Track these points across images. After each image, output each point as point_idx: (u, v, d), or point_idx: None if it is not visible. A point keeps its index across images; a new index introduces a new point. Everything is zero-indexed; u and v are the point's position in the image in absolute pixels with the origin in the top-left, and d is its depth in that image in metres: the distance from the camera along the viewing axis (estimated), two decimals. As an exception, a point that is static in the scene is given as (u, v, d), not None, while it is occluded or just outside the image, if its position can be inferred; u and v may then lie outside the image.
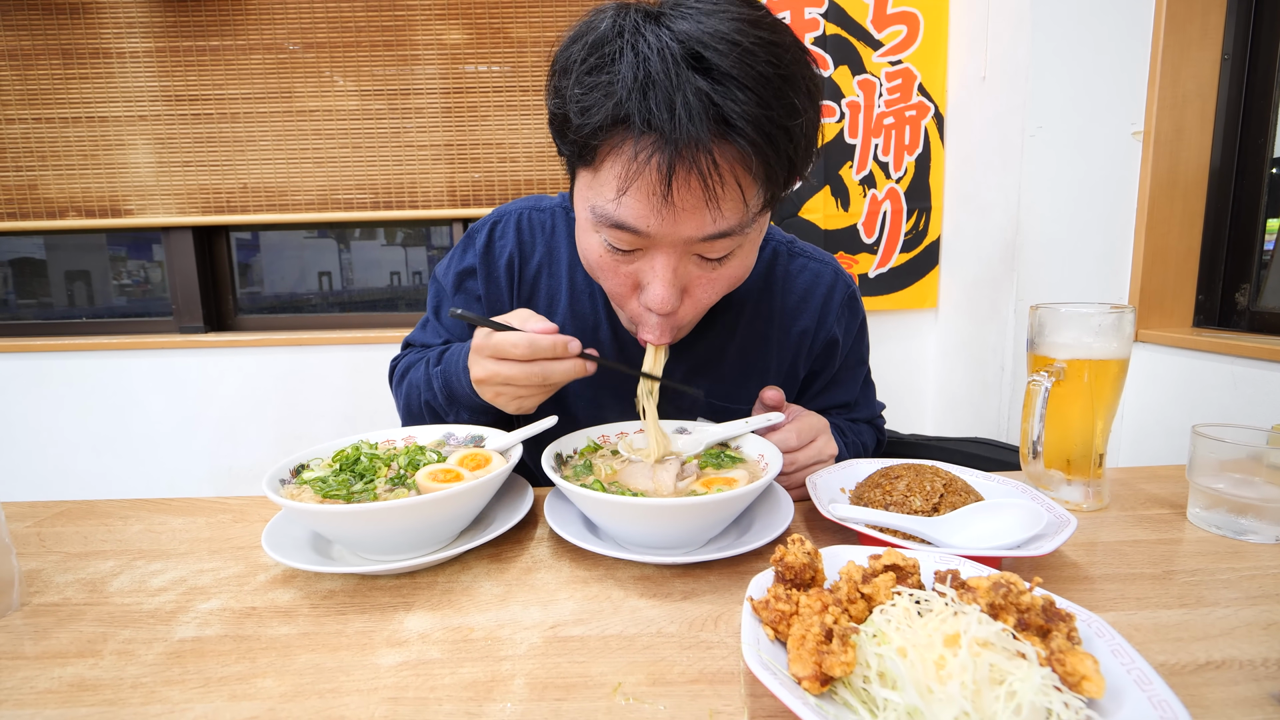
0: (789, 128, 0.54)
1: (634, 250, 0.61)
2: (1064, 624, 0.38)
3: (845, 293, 0.87)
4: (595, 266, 0.65)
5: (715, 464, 0.65)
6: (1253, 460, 0.61)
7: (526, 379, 0.61)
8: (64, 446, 2.11)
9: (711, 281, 0.64)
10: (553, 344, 0.61)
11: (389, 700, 0.40)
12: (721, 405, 0.82)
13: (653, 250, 0.60)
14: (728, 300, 0.80)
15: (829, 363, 0.88)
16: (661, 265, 0.60)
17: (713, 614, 0.49)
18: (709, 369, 0.83)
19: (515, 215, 0.85)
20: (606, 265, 0.64)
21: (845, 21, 1.84)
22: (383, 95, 2.02)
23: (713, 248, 0.60)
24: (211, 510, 0.73)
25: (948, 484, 0.60)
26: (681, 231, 0.57)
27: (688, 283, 0.63)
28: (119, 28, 1.98)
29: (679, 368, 0.82)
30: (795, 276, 0.85)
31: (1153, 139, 1.46)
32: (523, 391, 0.63)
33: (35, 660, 0.45)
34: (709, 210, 0.55)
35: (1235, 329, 1.43)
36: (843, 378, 0.91)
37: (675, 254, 0.60)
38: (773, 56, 0.53)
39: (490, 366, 0.62)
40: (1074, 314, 0.68)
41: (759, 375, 0.84)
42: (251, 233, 2.30)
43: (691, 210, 0.55)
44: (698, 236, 0.57)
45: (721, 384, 0.83)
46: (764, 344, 0.84)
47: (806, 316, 0.85)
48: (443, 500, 0.54)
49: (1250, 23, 1.41)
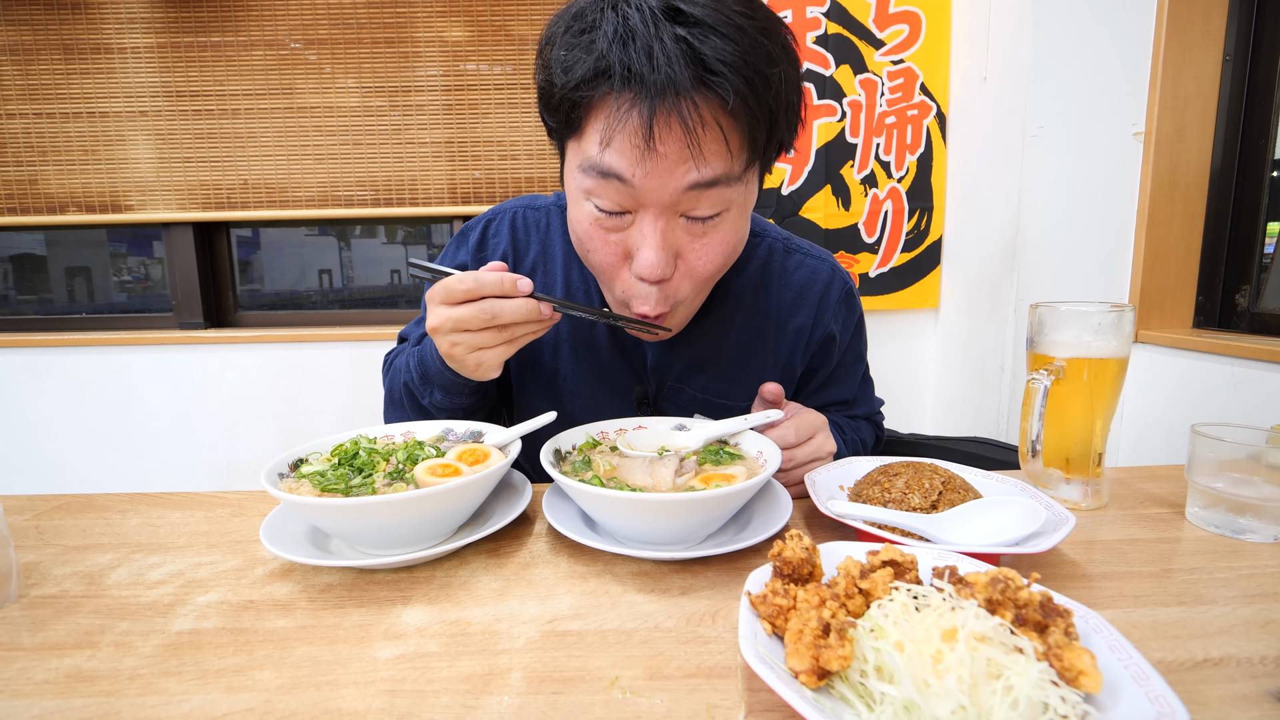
0: (767, 75, 0.55)
1: (622, 214, 0.61)
2: (1061, 619, 0.37)
3: (842, 289, 0.87)
4: (584, 238, 0.65)
5: (714, 460, 0.65)
6: (1252, 460, 0.61)
7: (476, 318, 0.60)
8: (63, 441, 2.11)
9: (703, 248, 0.63)
10: (499, 280, 0.60)
11: (386, 693, 0.40)
12: (720, 402, 0.82)
13: (640, 214, 0.61)
14: (724, 294, 0.81)
15: (826, 359, 0.88)
16: (649, 228, 0.60)
17: (710, 609, 0.49)
18: (706, 364, 0.82)
19: (510, 213, 0.85)
20: (595, 235, 0.63)
21: (847, 20, 1.84)
22: (384, 92, 2.02)
23: (699, 202, 0.60)
24: (210, 504, 0.73)
25: (946, 481, 0.60)
26: (666, 183, 0.57)
27: (678, 249, 0.63)
28: (120, 23, 1.98)
29: (676, 363, 0.82)
30: (792, 273, 0.85)
31: (1153, 140, 1.46)
32: (477, 338, 0.61)
33: (33, 652, 0.45)
34: (692, 158, 0.56)
35: (1235, 330, 1.43)
36: (841, 375, 0.91)
37: (663, 216, 0.60)
38: (748, 9, 0.55)
39: (442, 312, 0.61)
40: (1074, 312, 0.68)
41: (756, 371, 0.83)
42: (252, 229, 2.30)
43: (675, 158, 0.56)
44: (683, 185, 0.58)
45: (719, 380, 0.83)
46: (761, 339, 0.83)
47: (803, 313, 0.84)
48: (441, 495, 0.54)
49: (1251, 24, 1.41)
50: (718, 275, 0.68)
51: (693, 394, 0.83)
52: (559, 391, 0.85)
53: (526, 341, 0.65)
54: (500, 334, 0.62)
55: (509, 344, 0.63)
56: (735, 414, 0.73)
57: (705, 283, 0.68)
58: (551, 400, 0.85)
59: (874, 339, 1.51)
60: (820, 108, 1.88)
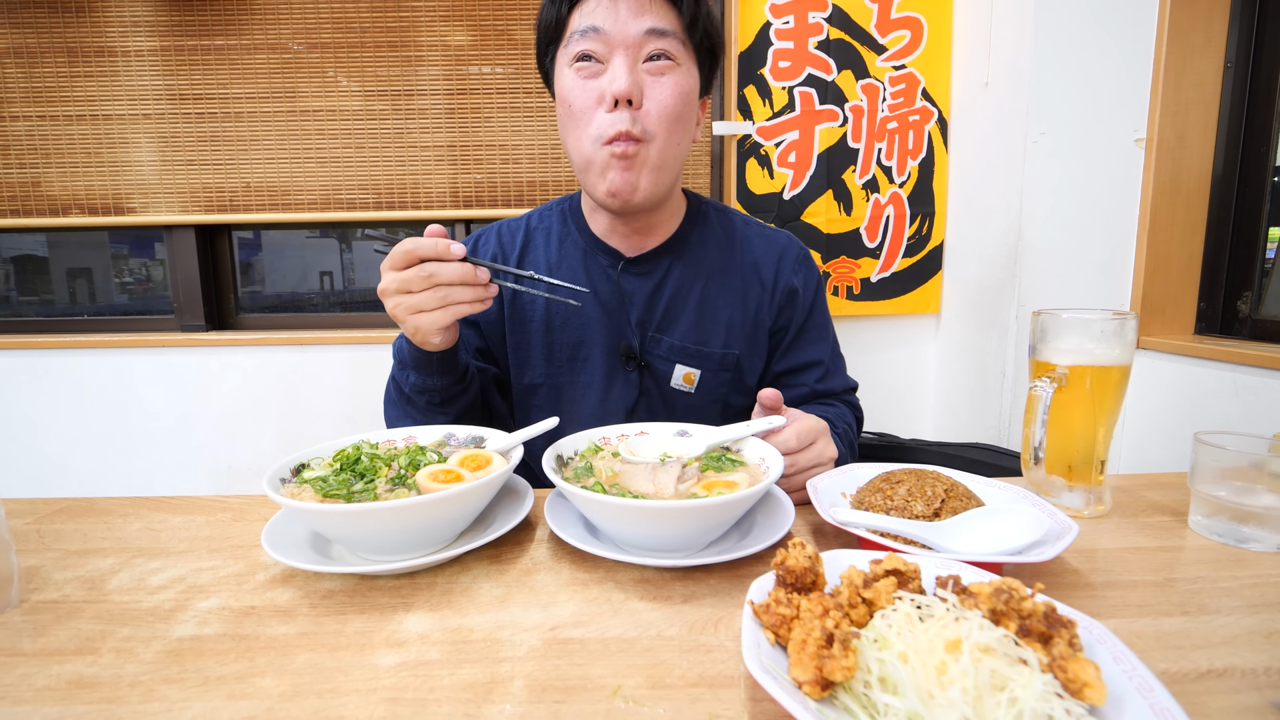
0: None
1: (598, 63, 0.79)
2: (1065, 630, 0.37)
3: (799, 251, 0.98)
4: (569, 95, 0.80)
5: (716, 467, 0.65)
6: (1254, 468, 0.61)
7: (416, 277, 0.67)
8: (64, 443, 2.11)
9: (661, 85, 0.79)
10: (434, 244, 0.67)
11: (388, 701, 0.40)
12: (695, 348, 0.91)
13: (612, 59, 0.78)
14: (689, 243, 0.94)
15: (793, 314, 0.95)
16: (619, 62, 0.78)
17: (713, 617, 0.49)
18: (680, 312, 0.92)
19: (494, 227, 0.99)
20: (576, 86, 0.80)
21: (849, 26, 1.84)
22: (386, 96, 2.02)
23: (655, 43, 0.78)
24: (211, 509, 0.73)
25: (949, 489, 0.60)
26: (630, 26, 0.77)
27: (641, 85, 0.79)
28: (124, 26, 1.98)
29: (655, 313, 0.91)
30: (753, 239, 0.97)
31: (1155, 146, 1.47)
32: (417, 299, 0.68)
33: (33, 657, 0.45)
34: (648, 10, 0.78)
35: (1237, 337, 1.43)
36: (810, 334, 0.97)
37: (628, 56, 0.78)
38: None
39: (388, 277, 0.69)
40: (1076, 320, 0.68)
41: (725, 317, 0.92)
42: (253, 232, 2.30)
43: (634, 9, 0.77)
44: (642, 29, 0.77)
45: (695, 328, 0.92)
46: (727, 290, 0.93)
47: (765, 269, 0.95)
48: (443, 501, 0.54)
49: (1253, 31, 1.42)
50: (675, 125, 0.81)
51: (671, 342, 0.91)
52: (560, 396, 0.93)
53: (465, 311, 0.70)
54: (437, 294, 0.68)
55: (445, 308, 0.69)
56: (708, 360, 0.90)
57: (666, 123, 0.80)
58: (554, 405, 0.93)
59: (876, 344, 1.52)
60: (822, 113, 1.88)
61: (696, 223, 0.95)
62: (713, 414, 0.94)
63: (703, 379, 0.92)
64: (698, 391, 0.92)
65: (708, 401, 0.93)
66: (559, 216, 0.97)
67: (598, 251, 0.93)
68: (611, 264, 0.92)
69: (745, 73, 1.88)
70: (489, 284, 0.71)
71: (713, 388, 0.92)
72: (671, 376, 0.91)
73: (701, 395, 0.93)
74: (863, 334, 2.03)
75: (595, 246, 0.93)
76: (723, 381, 0.93)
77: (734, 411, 0.95)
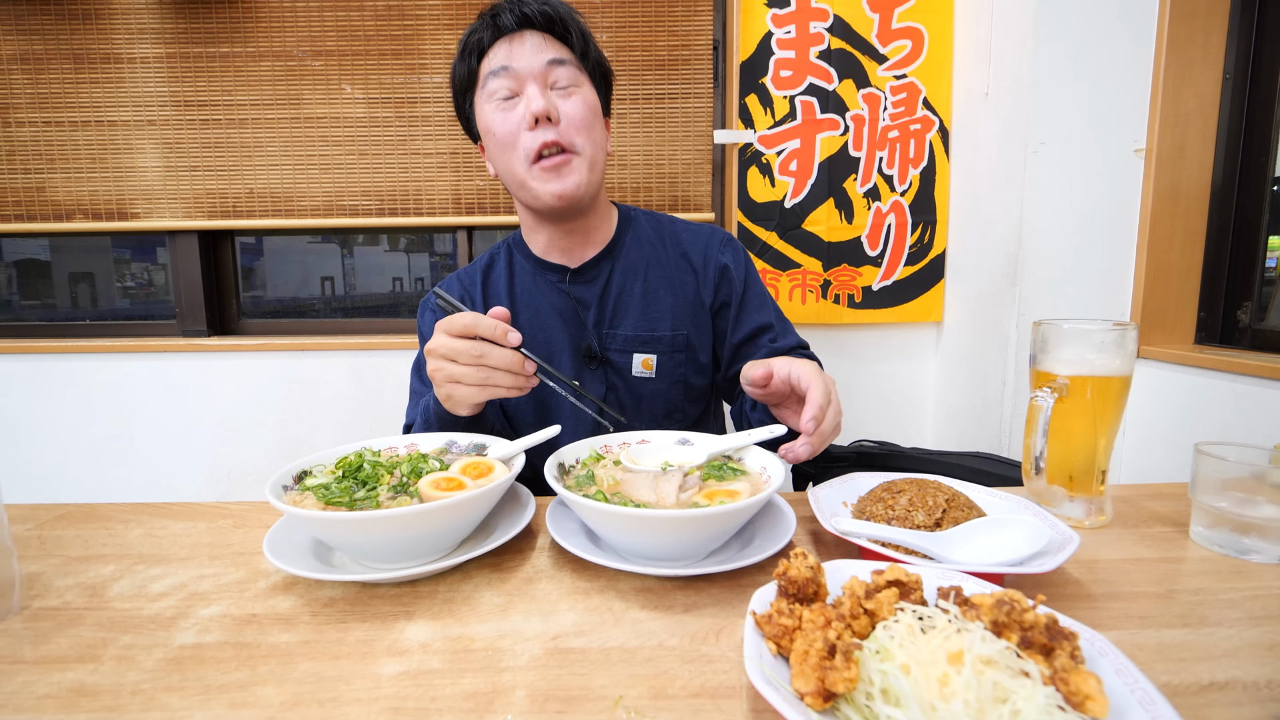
0: (571, 14, 0.92)
1: (513, 97, 0.89)
2: (1067, 643, 0.37)
3: (723, 235, 1.07)
4: (493, 126, 0.90)
5: (717, 476, 0.65)
6: (1255, 479, 0.61)
7: (467, 352, 0.68)
8: (65, 448, 2.11)
9: (571, 104, 0.89)
10: (494, 325, 0.69)
11: (389, 710, 0.40)
12: (647, 334, 0.99)
13: (524, 89, 0.88)
14: (624, 247, 1.03)
15: (730, 288, 1.03)
16: (532, 90, 0.87)
17: (715, 627, 0.49)
18: (627, 307, 1.00)
19: (454, 275, 1.07)
20: (498, 117, 0.89)
21: (850, 36, 1.85)
22: (390, 103, 2.03)
23: (557, 73, 0.89)
24: (213, 515, 0.73)
25: (950, 499, 0.60)
26: (533, 61, 0.87)
27: (554, 106, 0.88)
28: (130, 33, 2.00)
29: (605, 313, 1.00)
30: (680, 233, 1.07)
31: (1154, 156, 1.47)
32: (459, 371, 0.69)
33: (35, 665, 0.45)
34: (543, 45, 0.89)
35: (1237, 347, 1.43)
36: (751, 303, 1.04)
37: (537, 84, 0.87)
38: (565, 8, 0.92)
39: (438, 339, 0.70)
40: (1076, 330, 0.68)
41: (668, 304, 1.00)
42: (255, 237, 2.31)
43: (534, 48, 0.88)
44: (544, 60, 0.88)
45: (643, 318, 1.00)
46: (665, 280, 1.02)
47: (695, 255, 1.04)
48: (445, 509, 0.54)
49: (1251, 43, 1.42)
50: (590, 133, 0.91)
51: (625, 334, 0.99)
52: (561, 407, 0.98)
53: (501, 395, 0.71)
54: (480, 374, 0.69)
55: (483, 387, 0.70)
56: (660, 344, 0.99)
57: (584, 131, 0.90)
58: (556, 415, 0.98)
59: (877, 352, 1.50)
60: (823, 121, 1.89)
61: (629, 228, 1.05)
62: (675, 395, 1.01)
63: (659, 362, 0.99)
64: (658, 375, 1.00)
65: (669, 384, 1.00)
66: (505, 251, 1.06)
67: (545, 270, 1.02)
68: (560, 278, 1.01)
69: (747, 82, 1.89)
70: (532, 376, 0.71)
71: (670, 369, 1.00)
72: (631, 366, 0.99)
73: (662, 378, 1.00)
74: (864, 343, 2.03)
75: (541, 266, 1.02)
76: (678, 362, 1.00)
77: (696, 392, 1.03)
